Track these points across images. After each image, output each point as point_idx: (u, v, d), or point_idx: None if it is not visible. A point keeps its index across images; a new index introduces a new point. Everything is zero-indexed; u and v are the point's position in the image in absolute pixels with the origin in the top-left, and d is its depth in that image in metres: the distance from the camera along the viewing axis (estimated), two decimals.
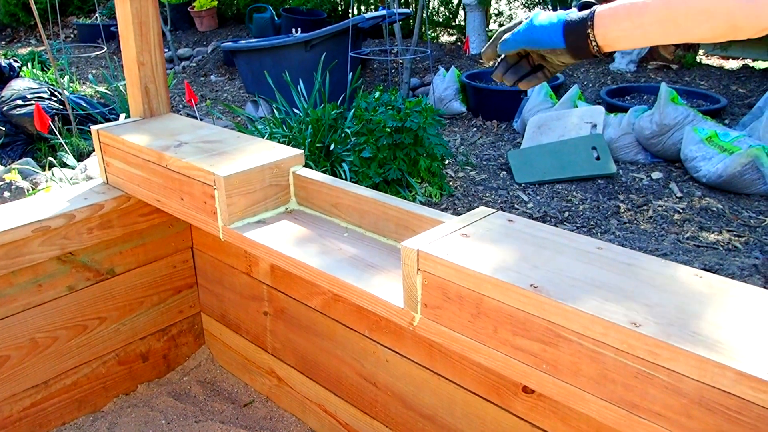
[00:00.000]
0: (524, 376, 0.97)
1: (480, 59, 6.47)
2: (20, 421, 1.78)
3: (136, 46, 1.80)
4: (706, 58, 6.44)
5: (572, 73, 5.73)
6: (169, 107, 1.94)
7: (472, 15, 6.79)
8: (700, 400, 0.79)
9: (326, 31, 5.21)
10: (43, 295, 1.73)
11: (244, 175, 1.45)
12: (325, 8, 7.91)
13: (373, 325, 1.53)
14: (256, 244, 1.39)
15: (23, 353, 1.73)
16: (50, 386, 1.81)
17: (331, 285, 1.26)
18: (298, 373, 1.83)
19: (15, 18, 9.88)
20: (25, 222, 1.61)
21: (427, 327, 1.09)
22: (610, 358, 0.85)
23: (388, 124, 3.19)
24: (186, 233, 2.02)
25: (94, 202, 1.73)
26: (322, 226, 1.46)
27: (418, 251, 1.04)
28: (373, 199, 1.38)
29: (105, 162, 1.81)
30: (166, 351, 2.08)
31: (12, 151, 4.06)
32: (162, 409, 1.93)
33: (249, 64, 5.50)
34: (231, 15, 8.92)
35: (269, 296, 1.82)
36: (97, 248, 1.80)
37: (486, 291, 0.97)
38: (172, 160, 1.54)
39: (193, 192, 1.51)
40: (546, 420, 1.25)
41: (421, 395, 1.48)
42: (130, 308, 1.94)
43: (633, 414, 0.86)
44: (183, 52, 7.65)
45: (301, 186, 1.54)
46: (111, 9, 9.46)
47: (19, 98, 4.12)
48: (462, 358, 1.35)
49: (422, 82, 5.85)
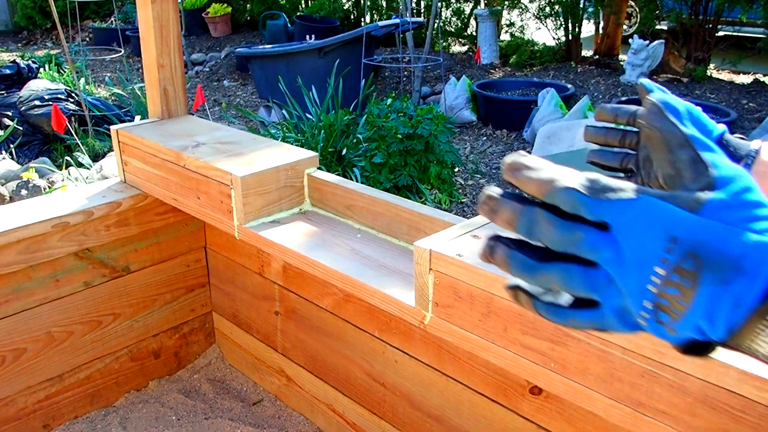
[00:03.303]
0: (533, 374, 1.00)
1: (491, 69, 6.51)
2: (34, 414, 1.81)
3: (156, 49, 1.84)
4: (716, 72, 6.45)
5: (583, 84, 5.76)
6: (186, 109, 1.98)
7: (483, 25, 6.83)
8: (704, 399, 0.81)
9: (340, 39, 5.27)
10: (60, 290, 1.77)
11: (260, 175, 1.48)
12: (338, 16, 7.98)
13: (383, 326, 1.56)
14: (270, 243, 1.42)
15: (39, 346, 1.76)
16: (64, 380, 1.85)
17: (344, 284, 1.29)
18: (308, 372, 1.85)
19: (32, 21, 10.02)
20: (45, 218, 1.64)
21: (437, 326, 1.11)
22: (617, 357, 0.88)
23: (399, 131, 3.23)
24: (200, 233, 2.05)
25: (112, 199, 1.77)
26: (336, 227, 1.49)
27: (431, 251, 1.07)
28: (386, 201, 1.41)
29: (123, 161, 1.85)
30: (178, 348, 2.11)
31: (29, 151, 4.12)
32: (172, 405, 1.96)
33: (263, 69, 5.56)
34: (244, 21, 9.01)
35: (281, 296, 1.85)
36: (114, 245, 1.84)
37: (497, 291, 0.99)
38: (189, 160, 1.57)
39: (210, 191, 1.54)
40: (552, 421, 1.27)
41: (429, 395, 1.51)
42: (144, 305, 1.97)
43: (639, 412, 0.88)
44: (196, 57, 7.73)
45: (316, 188, 1.57)
46: (126, 13, 9.57)
47: (37, 99, 4.19)
48: (470, 359, 1.37)
49: (433, 91, 5.89)
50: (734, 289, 0.41)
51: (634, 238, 0.43)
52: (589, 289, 0.46)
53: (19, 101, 4.29)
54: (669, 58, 6.00)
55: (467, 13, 7.89)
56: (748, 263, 0.41)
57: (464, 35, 7.89)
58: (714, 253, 0.41)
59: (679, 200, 0.44)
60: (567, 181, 0.45)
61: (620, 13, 6.66)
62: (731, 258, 0.41)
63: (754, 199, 0.44)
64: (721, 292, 0.41)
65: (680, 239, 0.42)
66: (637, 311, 0.45)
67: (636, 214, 0.43)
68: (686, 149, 0.47)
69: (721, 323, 0.42)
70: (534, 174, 0.46)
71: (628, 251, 0.44)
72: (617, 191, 0.44)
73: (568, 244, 0.45)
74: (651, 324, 0.45)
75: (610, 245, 0.44)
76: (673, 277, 0.42)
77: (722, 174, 0.45)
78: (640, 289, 0.44)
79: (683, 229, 0.42)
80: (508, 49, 6.88)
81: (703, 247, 0.42)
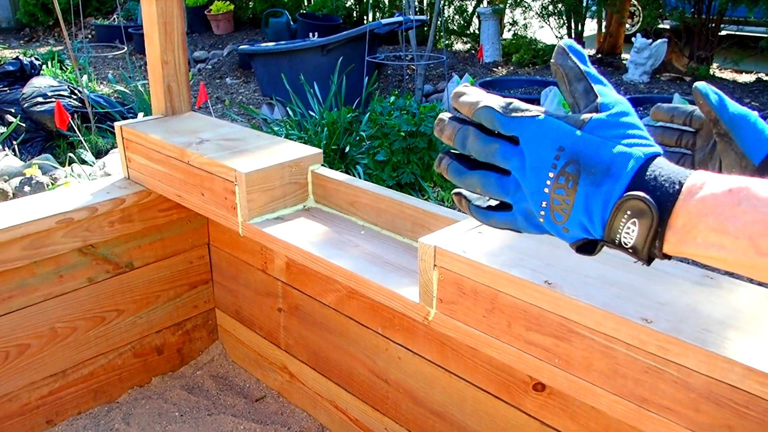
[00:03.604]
0: (536, 370, 1.00)
1: (493, 67, 6.51)
2: (37, 409, 1.81)
3: (160, 45, 1.85)
4: (719, 71, 6.44)
5: None
6: (190, 106, 1.98)
7: (486, 24, 6.83)
8: (708, 395, 0.81)
9: (343, 36, 5.27)
10: (63, 286, 1.77)
11: (265, 172, 1.48)
12: (341, 14, 7.99)
13: (386, 323, 1.56)
14: (274, 240, 1.43)
15: (43, 342, 1.77)
16: (68, 375, 1.85)
17: (348, 280, 1.29)
18: (310, 369, 1.86)
19: (34, 18, 10.02)
20: (49, 213, 1.65)
21: (441, 322, 1.12)
22: (622, 353, 0.88)
23: (402, 128, 3.23)
24: (203, 230, 2.06)
25: (116, 196, 1.77)
26: (340, 224, 1.49)
27: (435, 247, 1.07)
28: (390, 198, 1.41)
29: (127, 157, 1.86)
30: (181, 345, 2.11)
31: (32, 147, 4.13)
32: (176, 401, 1.96)
33: (266, 66, 5.56)
34: (247, 19, 9.01)
35: (284, 293, 1.85)
36: (118, 241, 1.85)
37: (501, 287, 0.99)
38: (194, 157, 1.58)
39: (214, 188, 1.55)
40: (555, 418, 1.27)
41: (432, 392, 1.51)
42: (147, 302, 1.98)
43: (642, 408, 0.88)
44: (199, 55, 7.74)
45: (320, 184, 1.57)
46: (128, 11, 9.58)
47: (40, 95, 4.19)
48: (473, 356, 1.38)
49: (435, 89, 5.89)
50: (604, 189, 0.51)
51: (534, 148, 0.54)
52: (502, 193, 0.57)
53: (23, 98, 4.29)
54: (672, 57, 5.99)
55: (470, 11, 7.89)
56: (615, 168, 0.51)
57: (467, 33, 7.89)
58: (589, 160, 0.52)
59: (570, 120, 0.54)
60: (488, 102, 0.56)
61: (623, 12, 6.66)
62: (602, 163, 0.51)
63: (628, 121, 0.54)
64: (594, 191, 0.51)
65: (566, 148, 0.53)
66: (537, 212, 0.55)
67: (535, 129, 0.54)
68: (582, 82, 0.56)
69: (597, 219, 0.52)
70: (466, 98, 0.58)
71: (529, 159, 0.54)
72: (525, 111, 0.55)
73: (487, 155, 0.56)
74: (548, 222, 0.55)
75: (517, 155, 0.55)
76: (560, 180, 0.52)
77: (606, 101, 0.55)
78: (538, 190, 0.54)
79: (568, 141, 0.53)
80: (511, 47, 6.88)
81: (581, 155, 0.52)
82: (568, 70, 0.57)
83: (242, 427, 1.85)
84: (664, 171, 0.51)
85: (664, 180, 0.50)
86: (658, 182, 0.50)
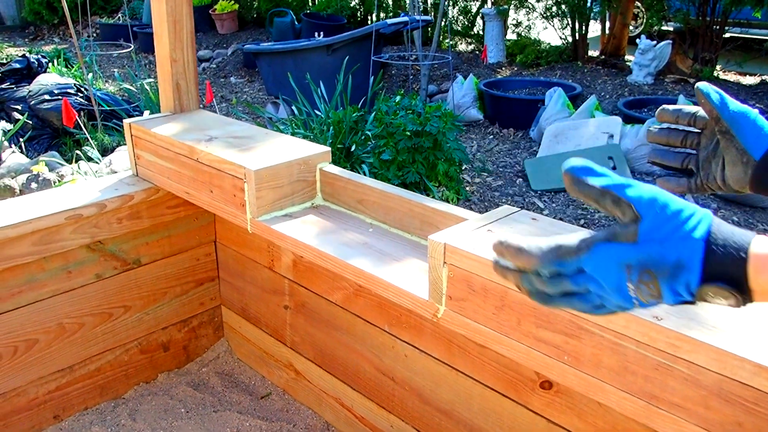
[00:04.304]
0: (546, 367, 1.00)
1: (497, 68, 6.52)
2: (45, 404, 1.82)
3: (169, 43, 1.85)
4: (723, 73, 6.44)
5: (589, 84, 5.75)
6: (198, 104, 1.99)
7: (490, 24, 6.83)
8: (718, 392, 0.81)
9: (349, 36, 5.28)
10: (72, 282, 1.78)
11: (274, 169, 1.49)
12: (345, 14, 8.00)
13: (393, 320, 1.57)
14: (284, 237, 1.43)
15: (51, 338, 1.78)
16: (75, 371, 1.86)
17: (357, 277, 1.30)
18: (316, 366, 1.86)
19: (39, 16, 10.04)
20: (58, 209, 1.66)
21: (451, 319, 1.12)
22: (631, 350, 0.88)
23: (408, 128, 3.24)
24: (210, 227, 2.07)
25: (124, 192, 1.78)
26: (348, 222, 1.50)
27: (445, 245, 1.08)
28: (399, 196, 1.42)
29: (136, 154, 1.86)
30: (187, 342, 2.12)
31: (38, 144, 4.14)
32: (181, 398, 1.97)
33: (271, 66, 5.57)
34: (251, 18, 9.02)
35: (290, 290, 1.86)
36: (126, 238, 1.85)
37: (511, 284, 1.00)
38: (203, 154, 1.59)
39: (223, 185, 1.56)
40: (562, 416, 1.28)
41: (439, 390, 1.51)
42: (154, 298, 1.98)
43: (652, 405, 0.88)
44: (203, 54, 7.75)
45: (328, 182, 1.58)
46: (133, 9, 9.59)
47: (47, 93, 4.20)
48: (480, 354, 1.38)
49: (440, 89, 5.90)
50: (682, 280, 0.58)
51: (604, 276, 0.61)
52: (592, 309, 0.65)
53: (29, 95, 4.31)
54: (676, 59, 5.99)
55: (474, 12, 7.89)
56: (685, 261, 0.57)
57: (471, 34, 7.89)
58: (659, 265, 0.58)
59: (621, 237, 0.60)
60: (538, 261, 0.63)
61: (627, 14, 6.65)
62: (671, 262, 0.58)
63: (672, 210, 0.59)
64: (675, 283, 0.58)
65: (633, 264, 0.59)
66: (629, 307, 0.63)
67: (596, 263, 0.61)
68: (607, 196, 0.60)
69: (686, 295, 0.59)
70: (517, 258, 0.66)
71: (604, 282, 0.61)
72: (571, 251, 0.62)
73: (562, 291, 0.64)
74: (642, 305, 0.62)
75: (590, 281, 0.62)
76: (641, 287, 0.59)
77: (639, 202, 0.59)
78: (625, 298, 0.61)
79: (632, 257, 0.59)
80: (515, 48, 6.88)
81: (649, 264, 0.58)
82: (588, 195, 0.61)
83: (248, 424, 1.85)
84: (727, 238, 0.57)
85: (732, 249, 0.57)
86: (728, 257, 0.57)
